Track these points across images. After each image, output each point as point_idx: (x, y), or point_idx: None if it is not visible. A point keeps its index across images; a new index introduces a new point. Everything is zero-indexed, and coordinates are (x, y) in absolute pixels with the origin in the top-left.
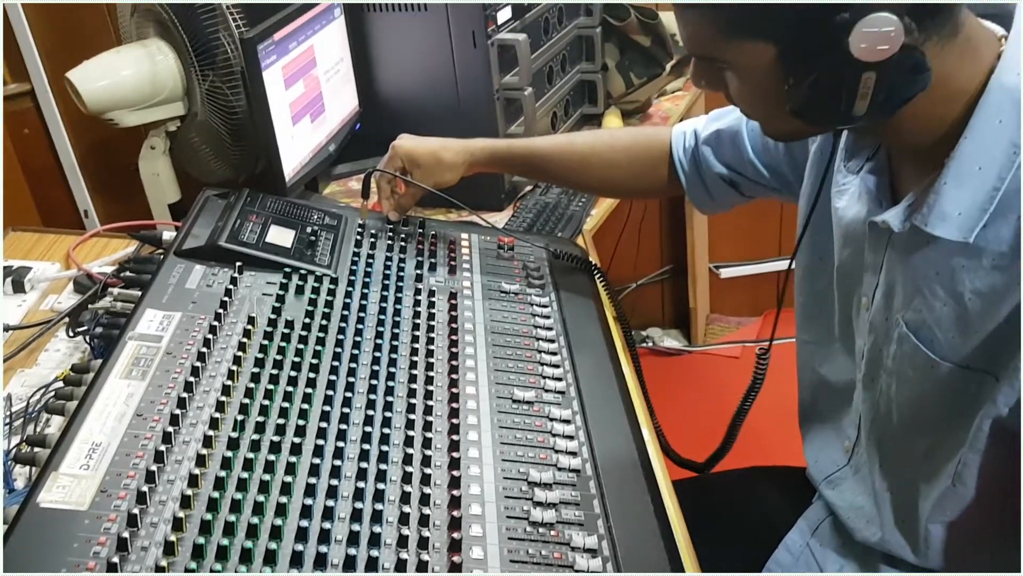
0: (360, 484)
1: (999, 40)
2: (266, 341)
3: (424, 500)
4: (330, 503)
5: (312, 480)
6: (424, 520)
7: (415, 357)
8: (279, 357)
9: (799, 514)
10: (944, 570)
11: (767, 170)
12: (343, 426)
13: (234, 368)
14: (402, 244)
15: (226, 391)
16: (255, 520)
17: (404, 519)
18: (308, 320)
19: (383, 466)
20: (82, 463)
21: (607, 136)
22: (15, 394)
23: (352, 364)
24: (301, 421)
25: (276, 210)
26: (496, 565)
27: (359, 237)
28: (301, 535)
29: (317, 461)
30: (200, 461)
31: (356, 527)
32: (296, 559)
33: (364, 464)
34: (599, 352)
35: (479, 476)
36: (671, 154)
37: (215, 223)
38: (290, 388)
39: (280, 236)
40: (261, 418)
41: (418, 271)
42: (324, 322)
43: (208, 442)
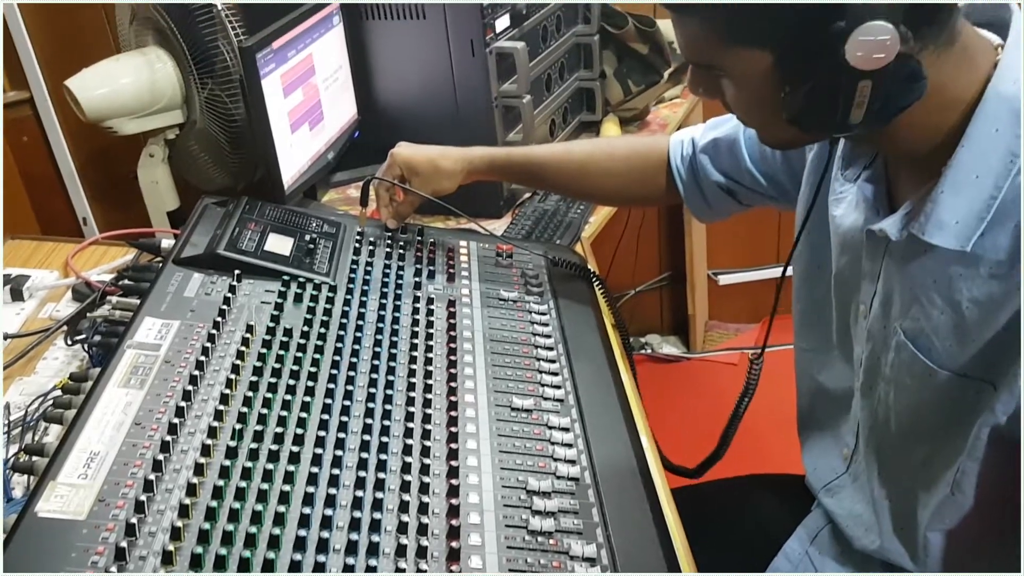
0: (359, 493)
1: (995, 49)
2: (264, 349)
3: (423, 509)
4: (328, 512)
5: (310, 489)
6: (423, 529)
7: (414, 365)
8: (277, 365)
9: (798, 522)
10: None
11: (764, 178)
12: (341, 435)
13: (232, 377)
14: (400, 252)
15: (224, 400)
16: (253, 529)
17: (403, 528)
18: (307, 328)
19: (381, 475)
20: (80, 472)
21: (605, 145)
22: (13, 403)
23: (350, 372)
24: (299, 430)
25: (275, 218)
26: (495, 574)
27: (358, 245)
28: (299, 544)
29: (315, 470)
30: (198, 470)
31: (354, 536)
32: (294, 568)
33: (362, 473)
34: (598, 359)
35: (478, 485)
36: (669, 163)
37: (214, 231)
38: (288, 396)
39: (279, 244)
40: (259, 427)
41: (417, 279)
42: (323, 330)
43: (206, 451)
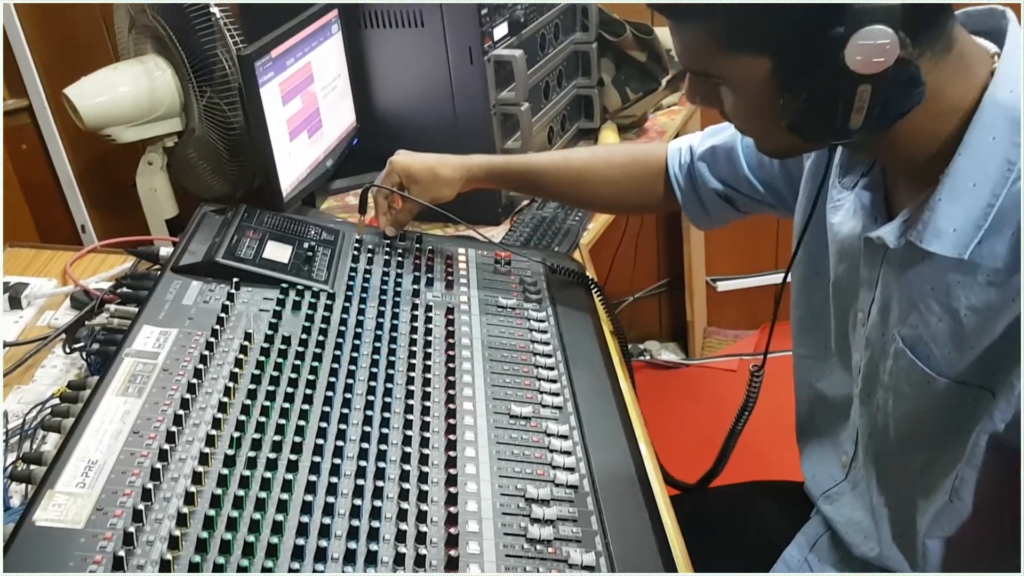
0: (357, 501)
1: (992, 57)
2: (263, 357)
3: (421, 517)
4: (326, 521)
5: (308, 498)
6: (421, 537)
7: (412, 372)
8: (276, 373)
9: (797, 529)
10: None
11: (762, 186)
12: (339, 443)
13: (231, 385)
14: (399, 259)
15: (222, 408)
16: (251, 538)
17: (401, 536)
18: (305, 336)
19: (380, 483)
20: (78, 481)
21: (603, 152)
22: (11, 411)
23: (349, 380)
24: (297, 438)
25: (273, 226)
26: None
27: (356, 252)
28: (297, 553)
29: (313, 478)
30: (196, 479)
31: (352, 545)
32: None
33: (361, 481)
34: (596, 367)
35: (476, 492)
36: (667, 170)
37: (212, 239)
38: (287, 404)
39: (277, 252)
40: (257, 435)
41: (415, 286)
42: (321, 338)
43: (204, 460)
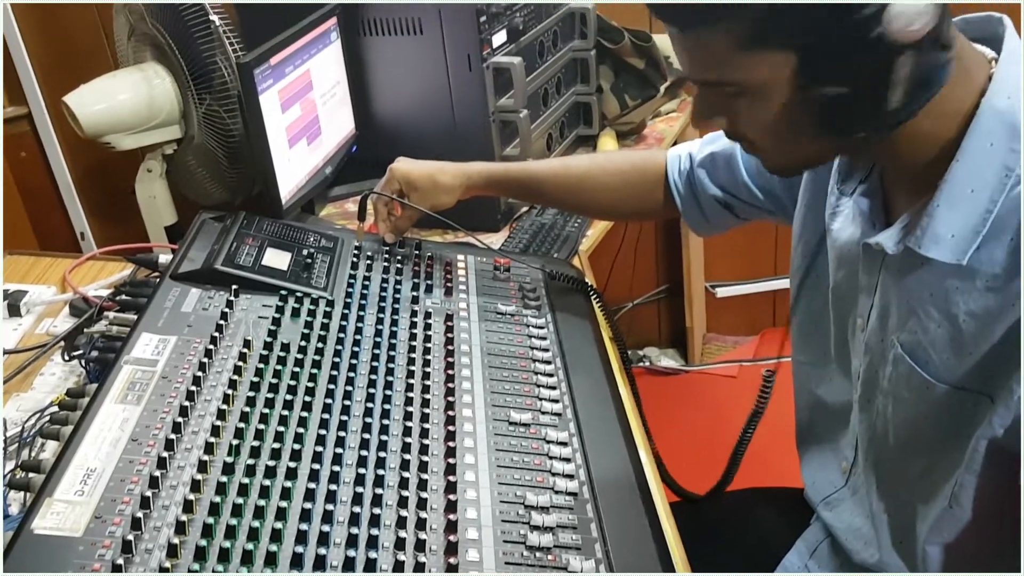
0: (356, 509)
1: (989, 63)
2: (262, 364)
3: (420, 524)
4: (325, 528)
5: (307, 505)
6: (420, 545)
7: (411, 379)
8: (275, 380)
9: (797, 535)
10: None
11: (762, 192)
12: (339, 450)
13: (230, 392)
14: (398, 266)
15: (221, 415)
16: (250, 546)
17: (400, 544)
18: (304, 343)
19: (379, 490)
20: (77, 489)
21: (603, 159)
22: (10, 418)
23: (348, 387)
24: (296, 445)
25: (272, 233)
26: None
27: (355, 259)
28: (296, 561)
29: (312, 486)
30: (195, 487)
31: (352, 553)
32: None
33: (360, 488)
34: (595, 373)
35: (476, 499)
36: (666, 177)
37: (211, 246)
38: (286, 412)
39: (276, 259)
40: (256, 442)
41: (414, 293)
42: (320, 345)
43: (203, 467)
